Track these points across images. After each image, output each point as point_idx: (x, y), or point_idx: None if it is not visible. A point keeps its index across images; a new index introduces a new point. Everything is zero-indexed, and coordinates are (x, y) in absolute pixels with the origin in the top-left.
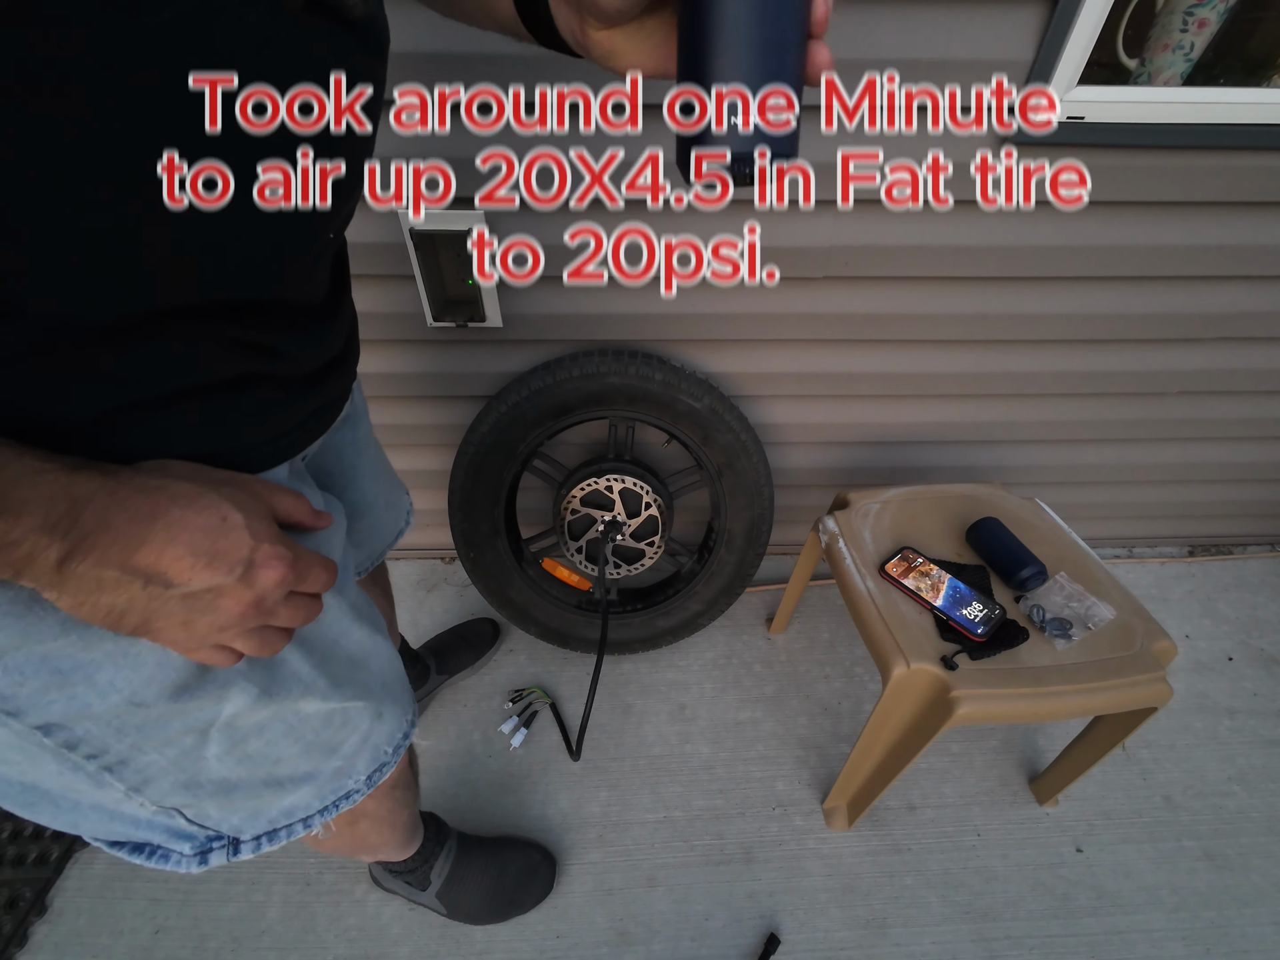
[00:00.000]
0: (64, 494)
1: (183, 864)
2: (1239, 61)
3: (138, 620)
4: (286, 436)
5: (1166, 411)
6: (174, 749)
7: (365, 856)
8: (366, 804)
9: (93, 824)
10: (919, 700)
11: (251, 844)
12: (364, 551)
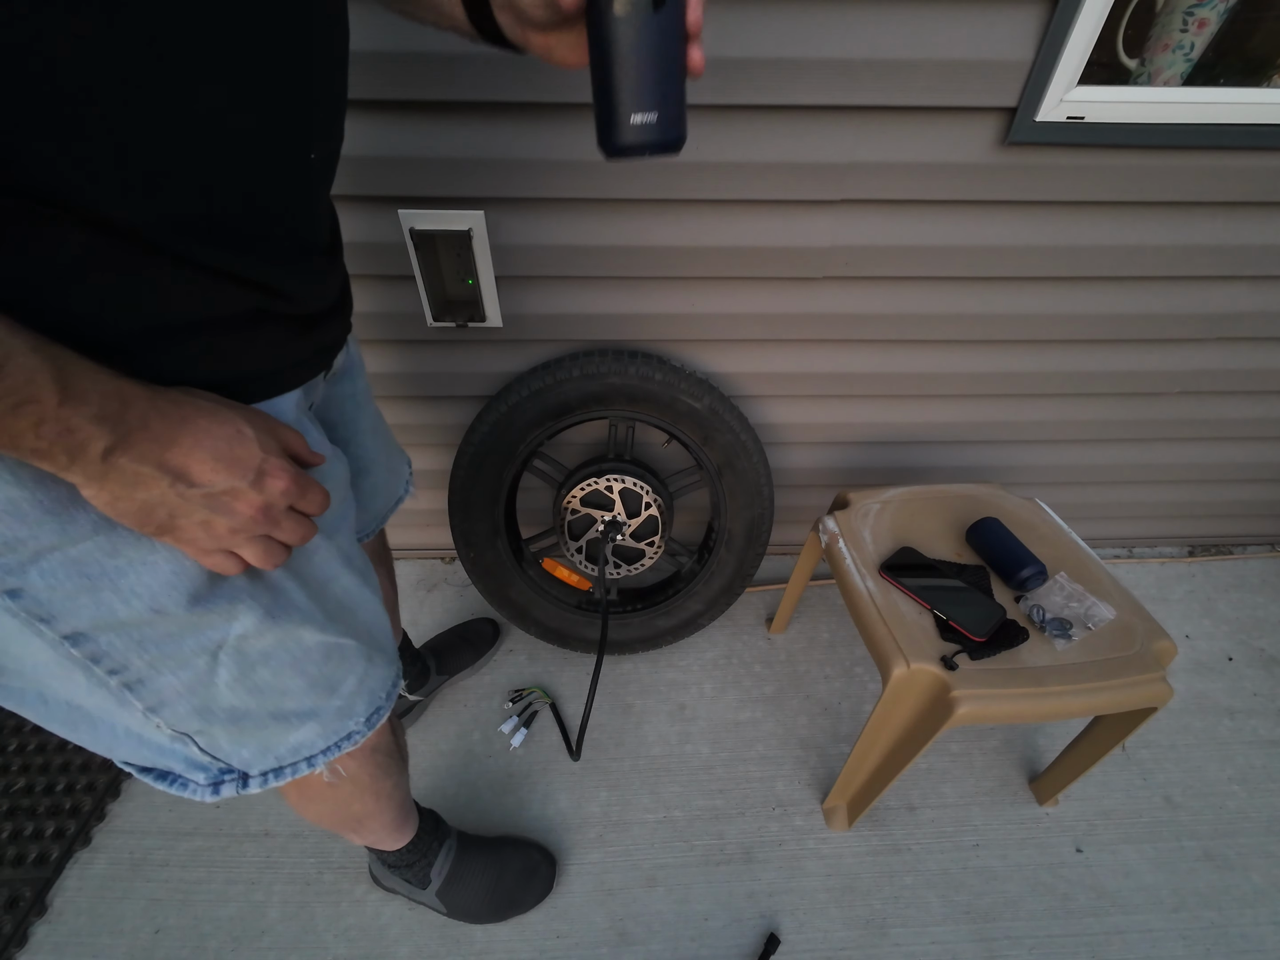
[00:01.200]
0: (115, 393)
1: (199, 792)
2: (1239, 61)
3: (164, 517)
4: (291, 369)
5: (1166, 411)
6: (188, 671)
7: (354, 833)
8: (348, 763)
9: (126, 748)
10: (919, 700)
11: (259, 779)
12: (366, 514)
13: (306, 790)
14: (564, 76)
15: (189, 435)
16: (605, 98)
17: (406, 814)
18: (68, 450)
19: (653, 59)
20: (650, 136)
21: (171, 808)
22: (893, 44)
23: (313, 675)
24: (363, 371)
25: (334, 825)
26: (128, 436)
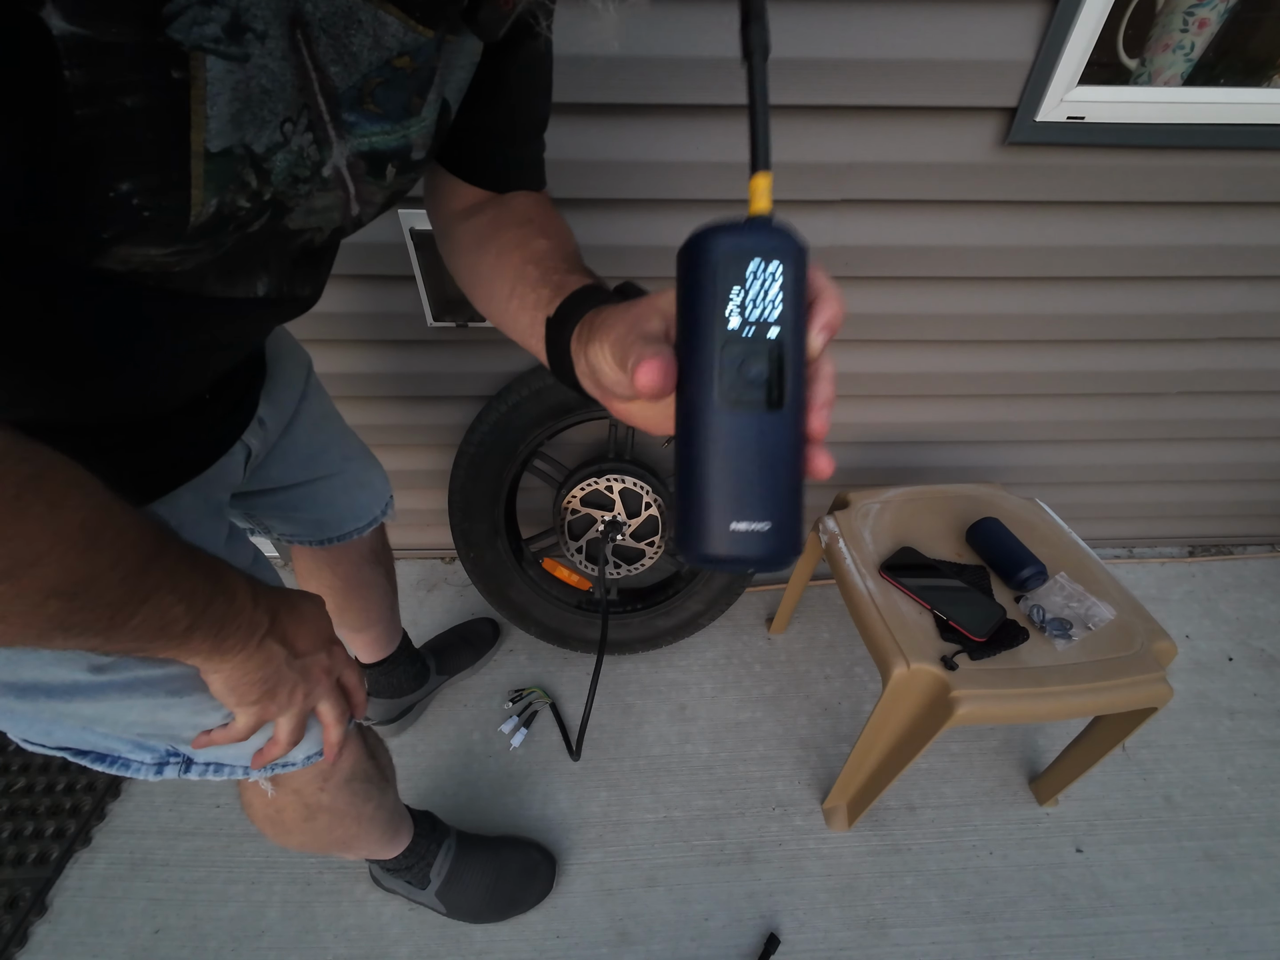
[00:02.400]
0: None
1: (142, 771)
2: (1239, 61)
3: (270, 687)
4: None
5: (1166, 411)
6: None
7: (342, 853)
8: (320, 798)
9: (66, 732)
10: (919, 700)
11: (200, 768)
12: (314, 517)
13: (281, 825)
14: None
15: (298, 615)
16: (696, 499)
17: (396, 828)
18: (244, 640)
19: (772, 460)
20: (755, 550)
21: (171, 808)
22: (893, 44)
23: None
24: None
25: (319, 851)
26: (275, 621)
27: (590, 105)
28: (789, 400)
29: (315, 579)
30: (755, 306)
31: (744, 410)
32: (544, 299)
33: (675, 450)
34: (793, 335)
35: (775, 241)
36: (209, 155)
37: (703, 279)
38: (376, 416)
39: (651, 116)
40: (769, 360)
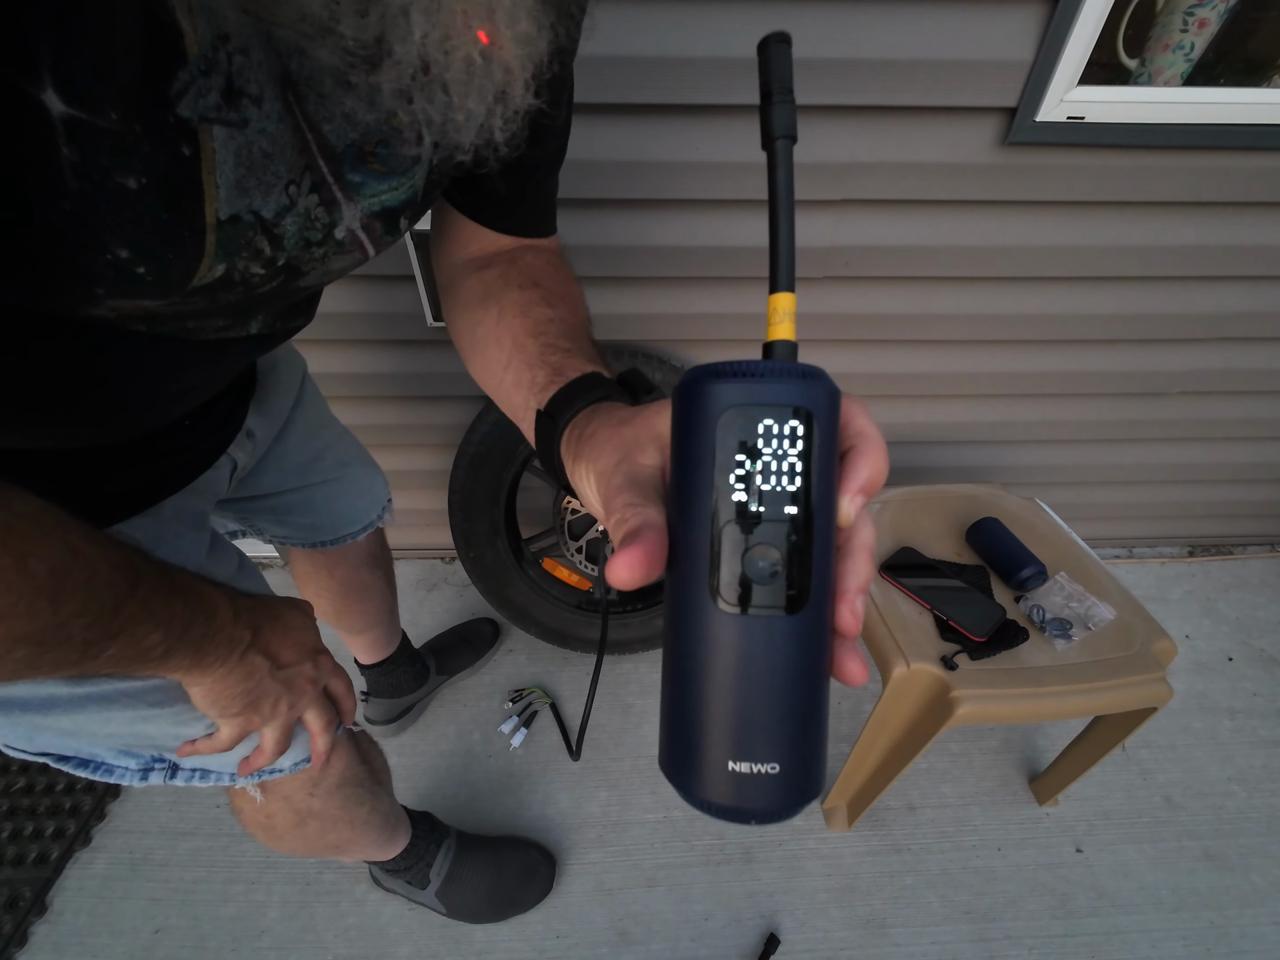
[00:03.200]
0: (252, 609)
1: (126, 777)
2: (1239, 62)
3: (252, 700)
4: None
5: (1166, 411)
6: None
7: (337, 856)
8: (310, 803)
9: (48, 738)
10: (919, 700)
11: (186, 774)
12: (309, 521)
13: (273, 830)
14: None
15: (281, 626)
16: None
17: (391, 831)
18: (224, 655)
19: (783, 679)
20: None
21: (171, 808)
22: (893, 44)
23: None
24: (300, 401)
25: (313, 855)
26: (258, 634)
27: (588, 105)
28: (812, 598)
29: (313, 581)
30: (769, 477)
31: (750, 611)
32: (538, 382)
33: (663, 650)
34: (819, 510)
35: (796, 391)
36: (220, 225)
37: (701, 434)
38: (376, 416)
39: (649, 116)
40: (786, 547)
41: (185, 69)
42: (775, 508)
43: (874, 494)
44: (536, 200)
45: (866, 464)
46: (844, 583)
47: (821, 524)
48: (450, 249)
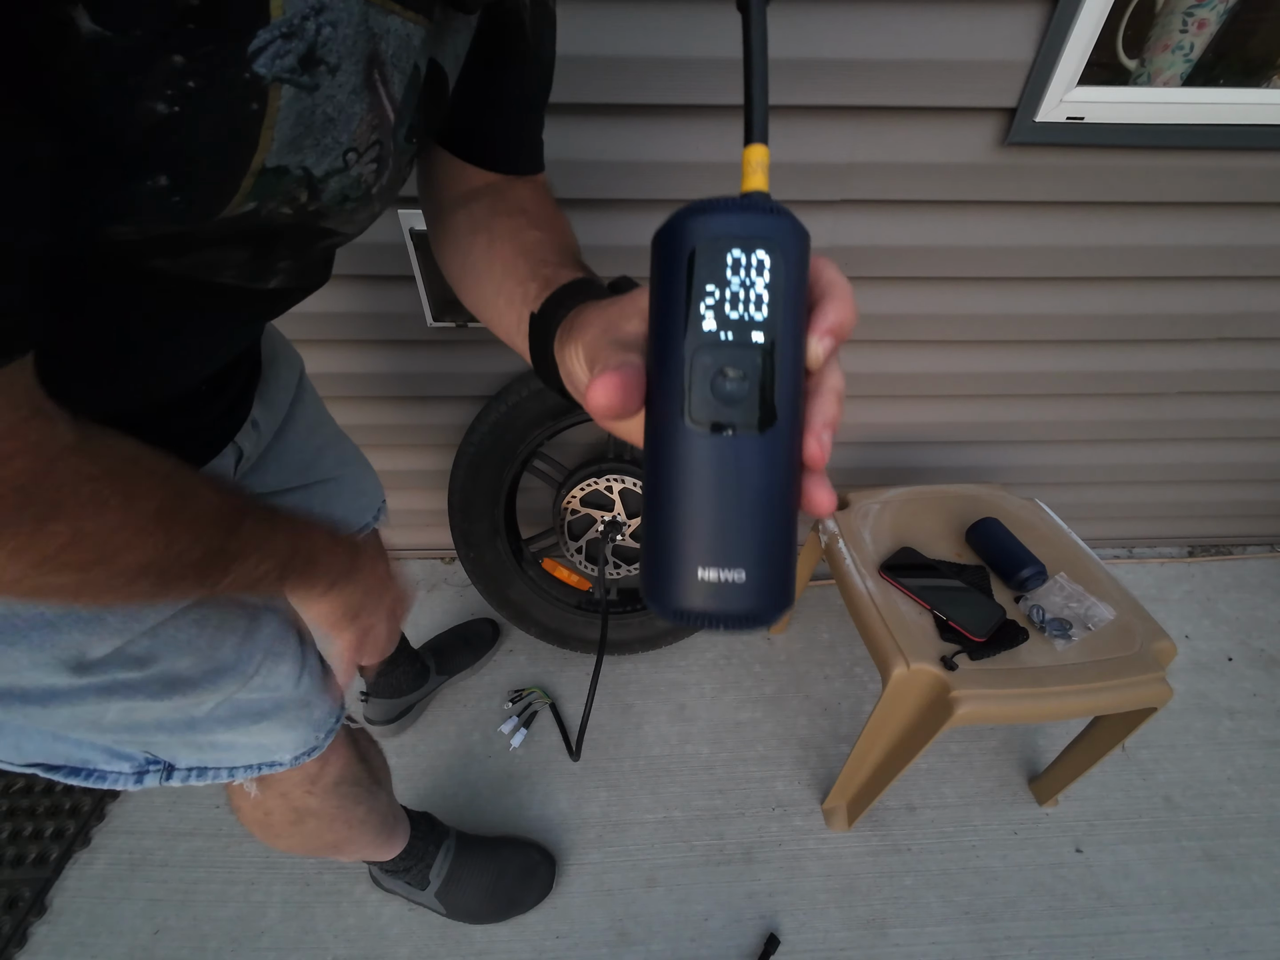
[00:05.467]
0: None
1: (120, 781)
2: (1239, 62)
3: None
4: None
5: (1166, 411)
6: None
7: (335, 855)
8: (308, 801)
9: (37, 746)
10: (919, 700)
11: (183, 774)
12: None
13: (270, 828)
14: (563, 76)
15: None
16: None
17: (390, 830)
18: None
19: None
20: (729, 604)
21: (171, 808)
22: (893, 44)
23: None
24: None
25: (311, 853)
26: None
27: (590, 106)
28: (779, 420)
29: None
30: (737, 305)
31: (719, 431)
32: (530, 294)
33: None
34: (785, 341)
35: (765, 225)
36: (264, 171)
37: (674, 270)
38: (376, 417)
39: (650, 117)
40: (751, 370)
41: (266, 29)
42: (743, 334)
43: (843, 338)
44: (521, 136)
45: (835, 309)
46: (812, 419)
47: (787, 353)
48: (438, 187)
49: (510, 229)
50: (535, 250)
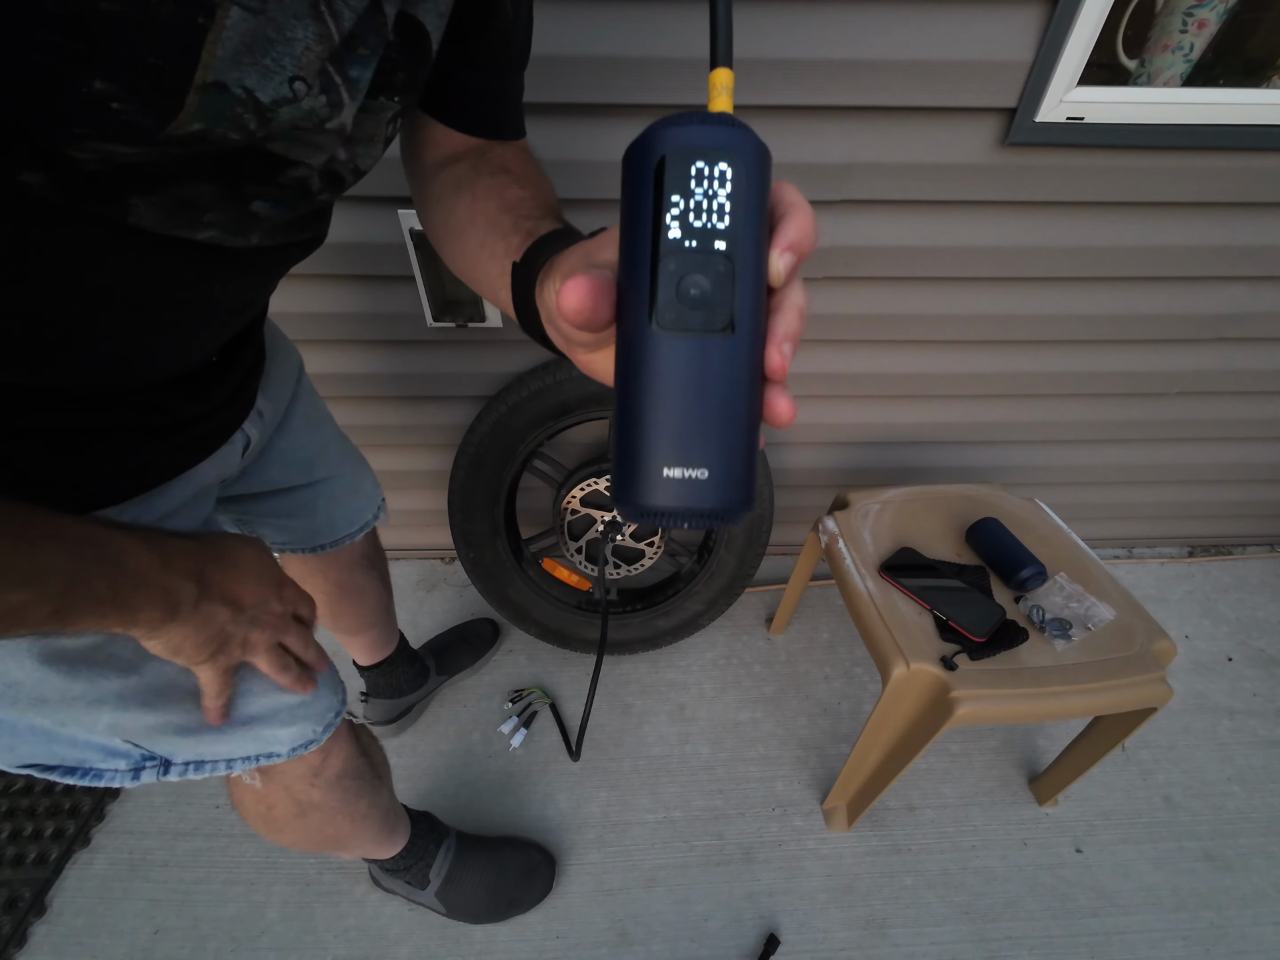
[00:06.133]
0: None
1: (117, 779)
2: (1239, 62)
3: (218, 644)
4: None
5: (1166, 412)
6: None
7: (337, 852)
8: (311, 794)
9: (31, 747)
10: (919, 701)
11: (180, 768)
12: (308, 525)
13: (273, 822)
14: (563, 76)
15: (234, 569)
16: (628, 433)
17: (391, 827)
18: (167, 610)
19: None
20: (694, 502)
21: (171, 808)
22: (893, 44)
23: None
24: (297, 394)
25: (312, 848)
26: (206, 584)
27: (592, 106)
28: (740, 327)
29: (307, 585)
30: (700, 214)
31: (683, 335)
32: (513, 246)
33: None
34: (746, 250)
35: (727, 138)
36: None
37: (642, 181)
38: (376, 416)
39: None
40: (714, 277)
41: None
42: (706, 242)
43: (803, 255)
44: (501, 100)
45: (795, 225)
46: (774, 330)
47: (749, 263)
48: (421, 150)
49: (493, 187)
50: (518, 206)
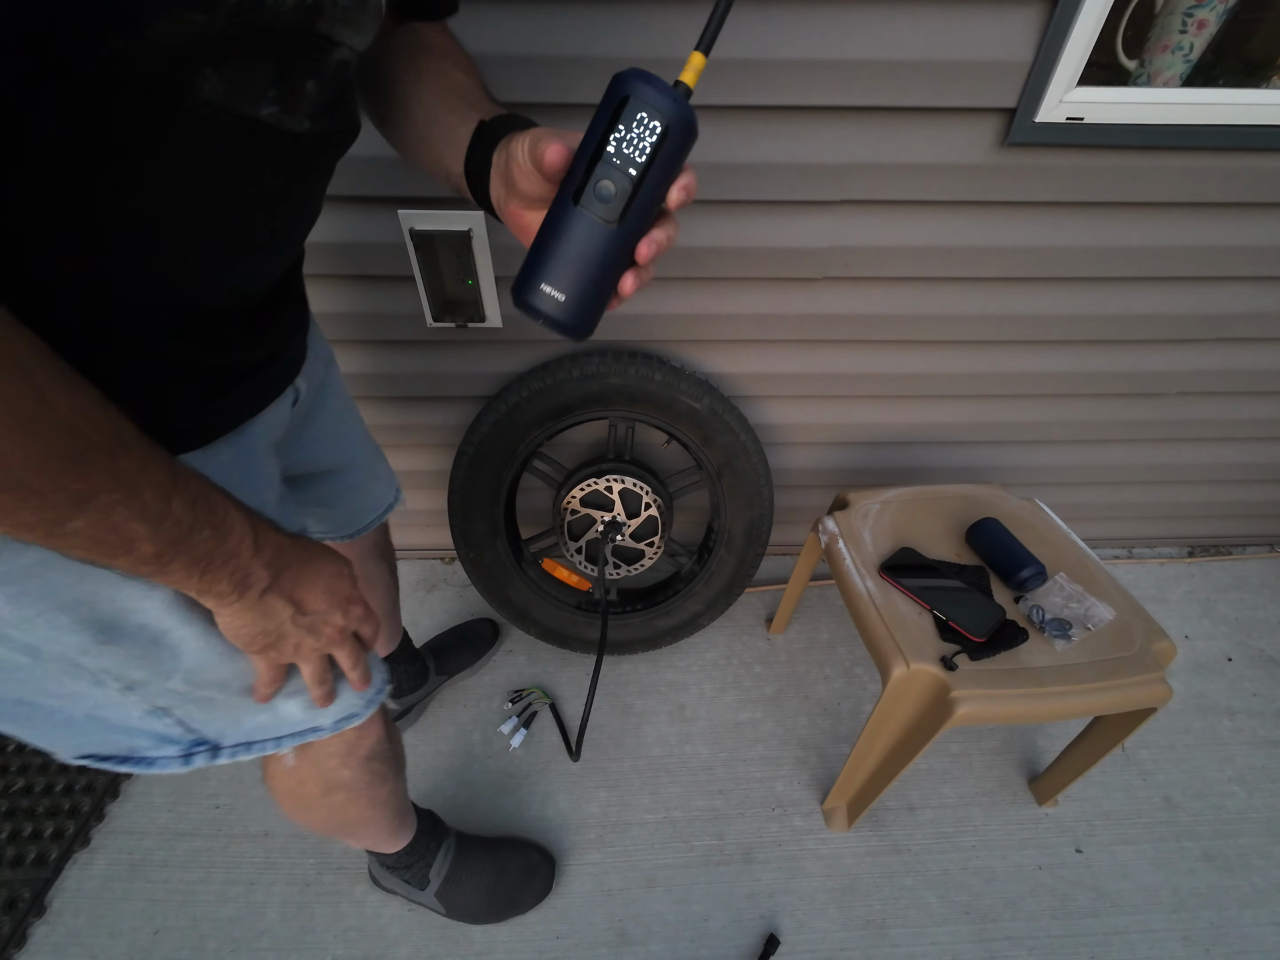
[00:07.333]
0: (277, 543)
1: (170, 765)
2: (1238, 62)
3: (272, 639)
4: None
5: (1166, 412)
6: (158, 667)
7: (350, 837)
8: (341, 773)
9: (88, 736)
10: (918, 701)
11: (229, 750)
12: (342, 512)
13: (301, 799)
14: (564, 79)
15: (311, 574)
16: (534, 255)
17: (403, 818)
18: (239, 589)
19: (589, 256)
20: (550, 310)
21: (170, 808)
22: (893, 44)
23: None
24: (331, 362)
25: (329, 831)
26: (279, 578)
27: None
28: (625, 226)
29: None
30: (629, 146)
31: (586, 213)
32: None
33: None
34: (649, 182)
35: (669, 108)
36: None
37: (606, 107)
38: (376, 416)
39: None
40: (619, 189)
41: None
42: (624, 165)
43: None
44: None
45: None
46: (651, 232)
47: (649, 191)
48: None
49: (436, 69)
50: (467, 91)
